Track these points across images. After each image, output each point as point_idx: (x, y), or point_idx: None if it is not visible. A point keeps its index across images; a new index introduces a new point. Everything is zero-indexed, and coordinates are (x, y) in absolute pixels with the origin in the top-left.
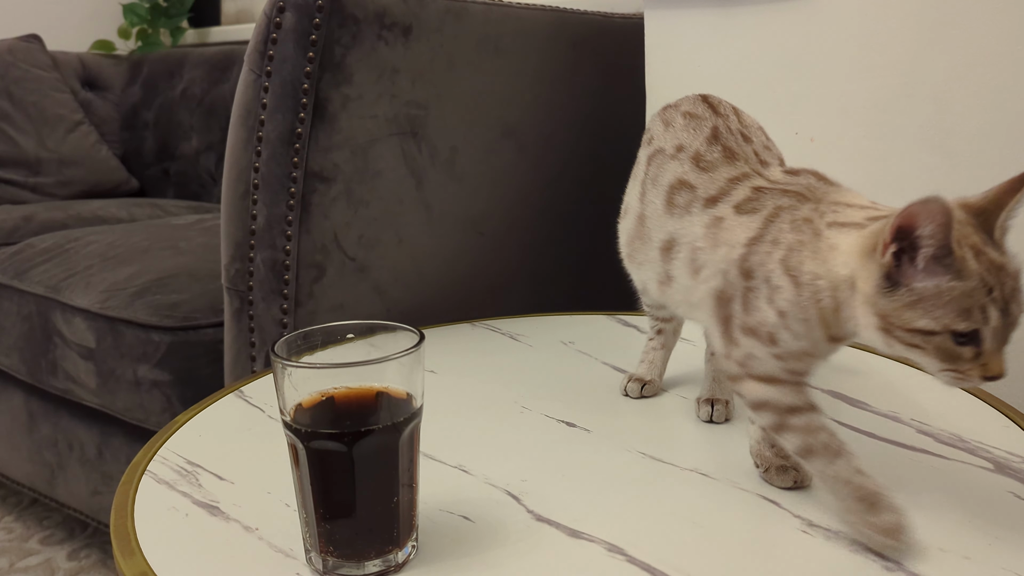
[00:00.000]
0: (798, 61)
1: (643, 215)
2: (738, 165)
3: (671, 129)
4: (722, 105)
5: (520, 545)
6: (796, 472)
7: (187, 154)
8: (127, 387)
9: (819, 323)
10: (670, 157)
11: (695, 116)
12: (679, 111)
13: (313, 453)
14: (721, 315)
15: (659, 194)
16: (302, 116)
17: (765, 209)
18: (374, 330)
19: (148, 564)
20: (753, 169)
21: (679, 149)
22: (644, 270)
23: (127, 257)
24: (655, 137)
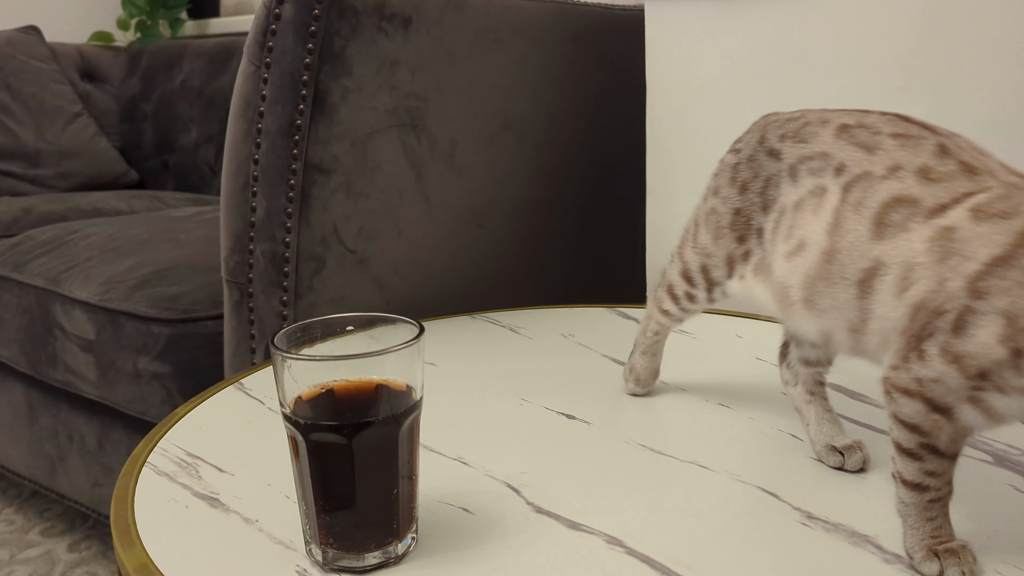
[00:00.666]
0: (798, 54)
1: (834, 249)
2: (979, 179)
3: (880, 153)
4: (935, 126)
5: (520, 537)
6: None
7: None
8: (127, 379)
9: None
10: (881, 178)
11: (908, 136)
12: (883, 135)
13: (313, 445)
14: (914, 328)
15: (865, 218)
16: (301, 108)
17: (1015, 223)
18: (374, 322)
19: (148, 555)
20: (1002, 182)
21: (894, 169)
22: (828, 317)
23: (127, 249)
24: (849, 164)
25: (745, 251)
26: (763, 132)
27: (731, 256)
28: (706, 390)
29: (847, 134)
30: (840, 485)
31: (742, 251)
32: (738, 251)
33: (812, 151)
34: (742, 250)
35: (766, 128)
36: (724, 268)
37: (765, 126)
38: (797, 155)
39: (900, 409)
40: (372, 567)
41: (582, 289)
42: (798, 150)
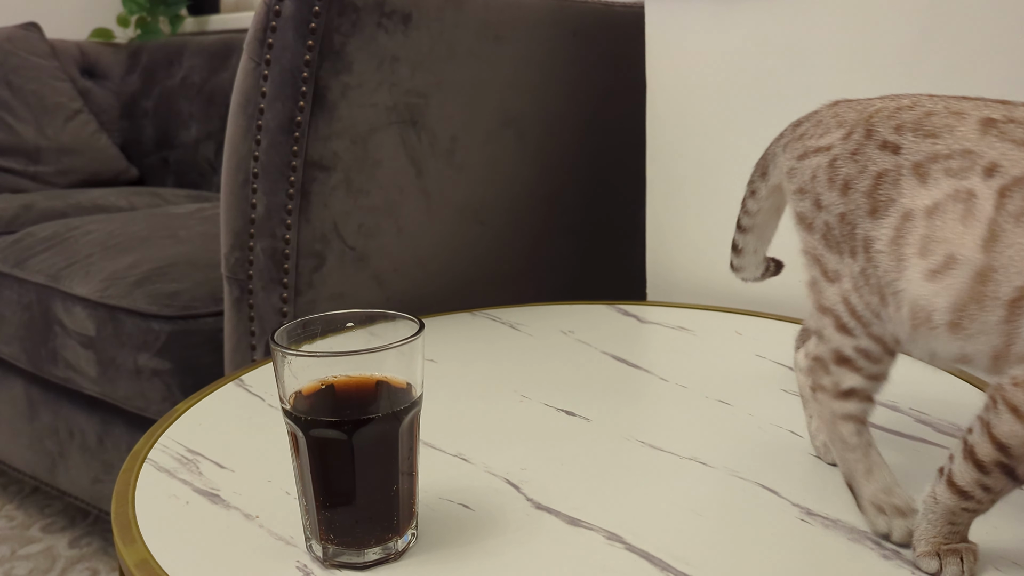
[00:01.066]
0: (799, 51)
1: (990, 268)
2: None
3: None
4: None
5: (519, 533)
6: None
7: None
8: (127, 376)
9: None
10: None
11: None
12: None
13: (313, 441)
14: None
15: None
16: (301, 104)
17: None
18: (374, 319)
19: (149, 551)
20: None
21: None
22: (975, 342)
23: (127, 246)
24: (1005, 164)
25: (860, 269)
26: (867, 123)
27: (855, 278)
28: (705, 386)
29: (995, 129)
30: (839, 481)
31: (858, 269)
32: (855, 270)
33: (948, 148)
34: (857, 268)
35: (868, 118)
36: (857, 294)
37: (867, 117)
38: (926, 151)
39: (999, 423)
40: (372, 563)
41: (583, 286)
42: (926, 145)
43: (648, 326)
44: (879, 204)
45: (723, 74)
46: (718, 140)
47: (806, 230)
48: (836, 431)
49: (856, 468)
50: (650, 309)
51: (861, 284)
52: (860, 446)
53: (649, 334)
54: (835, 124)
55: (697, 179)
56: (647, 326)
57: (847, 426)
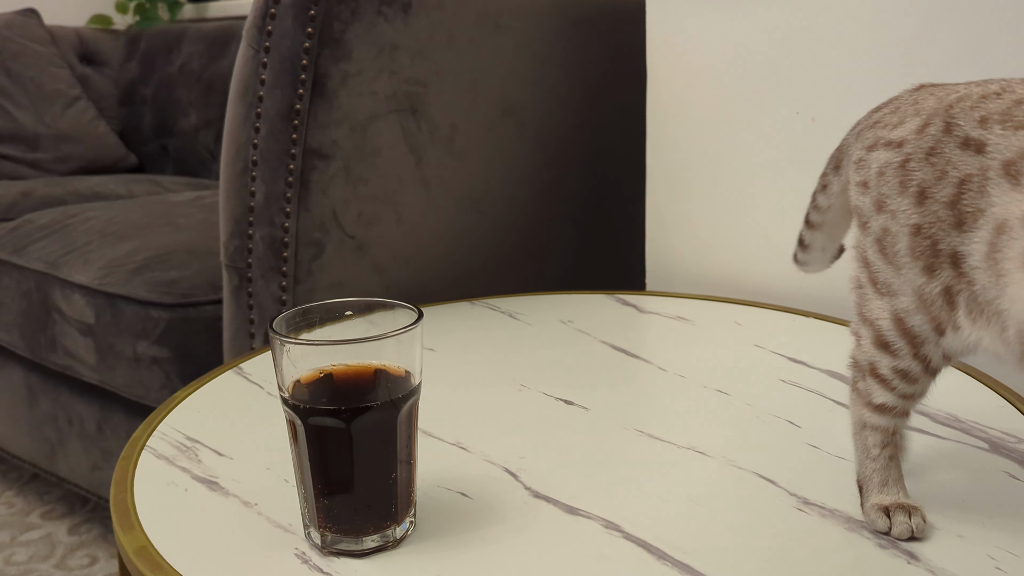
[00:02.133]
0: (800, 41)
1: None
2: None
3: None
4: None
5: (517, 522)
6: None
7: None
8: (126, 363)
9: None
10: None
11: None
12: None
13: (311, 429)
14: None
15: None
16: (301, 92)
17: None
18: (373, 307)
19: (148, 538)
20: None
21: None
22: None
23: (126, 233)
24: None
25: (944, 288)
26: (947, 113)
27: (925, 296)
28: (704, 376)
29: None
30: (836, 471)
31: (938, 288)
32: (932, 288)
33: None
34: (937, 287)
35: (948, 108)
36: (923, 313)
37: (947, 107)
38: (1018, 147)
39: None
40: (370, 550)
41: (582, 275)
42: (1018, 140)
43: (647, 316)
44: (966, 215)
45: (724, 64)
46: (718, 130)
47: (860, 228)
48: (861, 436)
49: (872, 478)
50: (649, 299)
51: (936, 302)
52: (881, 458)
53: (648, 324)
54: (912, 113)
55: (697, 169)
56: (646, 316)
57: (874, 436)
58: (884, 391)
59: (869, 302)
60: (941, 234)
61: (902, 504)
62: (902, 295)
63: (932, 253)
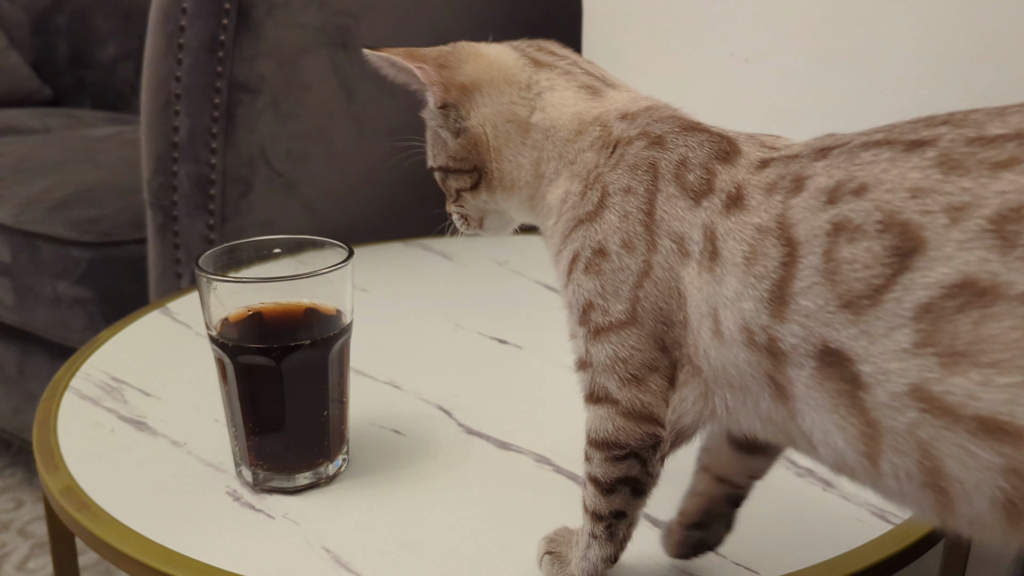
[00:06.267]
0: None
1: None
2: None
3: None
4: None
5: (450, 458)
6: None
7: (104, 62)
8: (46, 304)
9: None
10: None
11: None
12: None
13: (241, 368)
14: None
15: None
16: (225, 23)
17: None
18: (302, 246)
19: (73, 478)
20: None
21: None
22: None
23: (42, 169)
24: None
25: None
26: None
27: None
28: None
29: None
30: None
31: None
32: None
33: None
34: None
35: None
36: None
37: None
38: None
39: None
40: (303, 487)
41: None
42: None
43: None
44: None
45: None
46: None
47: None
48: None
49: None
50: None
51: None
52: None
53: None
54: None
55: None
56: None
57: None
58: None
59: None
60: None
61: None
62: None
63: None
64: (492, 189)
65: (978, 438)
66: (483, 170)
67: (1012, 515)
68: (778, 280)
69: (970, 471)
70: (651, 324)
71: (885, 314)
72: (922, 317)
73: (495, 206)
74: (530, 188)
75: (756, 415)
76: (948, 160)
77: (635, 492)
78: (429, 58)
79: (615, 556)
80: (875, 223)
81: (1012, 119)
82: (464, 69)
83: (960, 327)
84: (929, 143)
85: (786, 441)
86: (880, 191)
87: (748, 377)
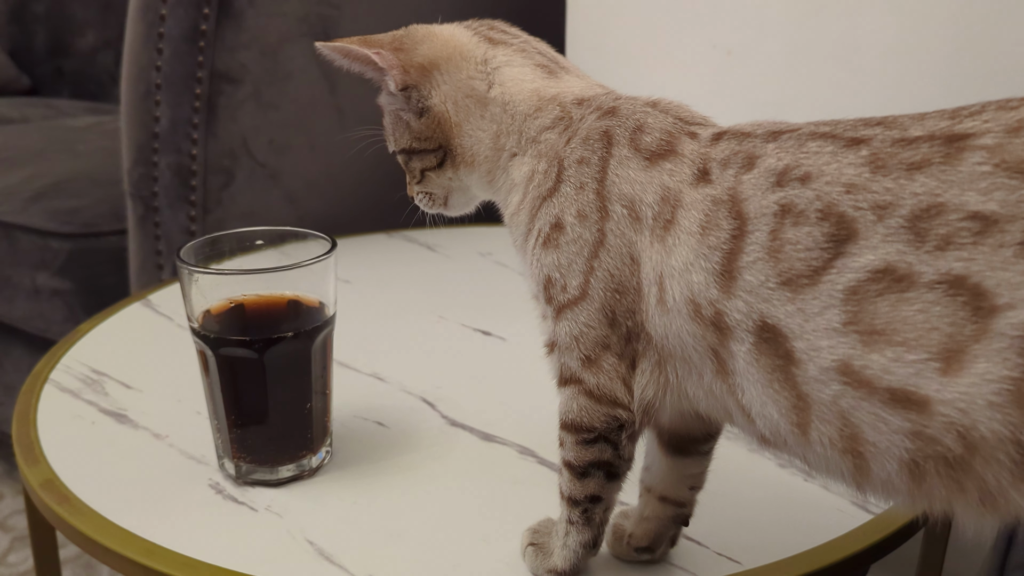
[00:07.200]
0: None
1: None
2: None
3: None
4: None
5: (434, 449)
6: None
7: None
8: (25, 295)
9: None
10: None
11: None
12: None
13: (223, 360)
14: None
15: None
16: (206, 12)
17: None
18: (285, 237)
19: (53, 472)
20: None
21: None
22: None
23: (20, 160)
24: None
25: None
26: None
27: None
28: None
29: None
30: None
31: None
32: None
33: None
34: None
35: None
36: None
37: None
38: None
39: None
40: (286, 479)
41: None
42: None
43: None
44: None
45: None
46: (636, 62)
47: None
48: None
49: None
50: None
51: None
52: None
53: None
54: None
55: None
56: None
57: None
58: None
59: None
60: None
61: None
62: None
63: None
64: (456, 166)
65: (889, 407)
66: (447, 147)
67: (916, 475)
68: (728, 252)
69: (882, 435)
70: (601, 295)
71: (821, 294)
72: (850, 299)
73: (459, 183)
74: (489, 162)
75: (700, 386)
76: (876, 159)
77: (609, 476)
78: (384, 43)
79: (595, 540)
80: (816, 211)
81: (929, 122)
82: (420, 50)
83: (880, 308)
84: (864, 142)
85: (724, 416)
86: (821, 182)
87: (691, 350)
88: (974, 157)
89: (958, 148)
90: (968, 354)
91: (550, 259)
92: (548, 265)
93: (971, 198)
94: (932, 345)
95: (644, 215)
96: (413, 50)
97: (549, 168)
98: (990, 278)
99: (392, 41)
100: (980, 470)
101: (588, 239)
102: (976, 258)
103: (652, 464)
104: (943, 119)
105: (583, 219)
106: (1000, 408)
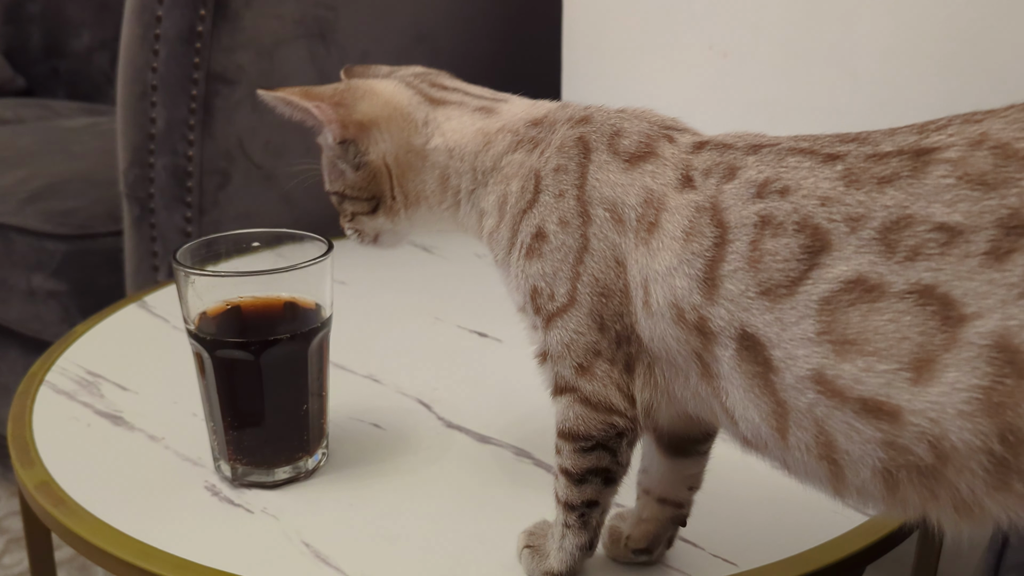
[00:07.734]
0: None
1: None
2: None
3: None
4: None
5: (431, 451)
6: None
7: (78, 51)
8: (21, 297)
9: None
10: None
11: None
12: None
13: (219, 362)
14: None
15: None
16: (202, 13)
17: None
18: (281, 239)
19: (49, 474)
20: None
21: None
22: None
23: (15, 160)
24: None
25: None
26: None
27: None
28: None
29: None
30: None
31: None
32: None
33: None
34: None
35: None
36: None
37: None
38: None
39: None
40: (282, 481)
41: None
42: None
43: None
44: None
45: None
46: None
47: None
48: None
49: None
50: None
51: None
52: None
53: None
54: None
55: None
56: None
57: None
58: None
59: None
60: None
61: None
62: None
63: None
64: (391, 212)
65: (861, 417)
66: (381, 198)
67: (889, 483)
68: (710, 260)
69: (855, 444)
70: (589, 300)
71: (797, 304)
72: (824, 309)
73: (391, 227)
74: (438, 198)
75: (687, 388)
76: (850, 174)
77: (606, 481)
78: (325, 96)
79: (591, 543)
80: (793, 223)
81: (898, 137)
82: (360, 107)
83: (852, 318)
84: (840, 157)
85: (711, 417)
86: (799, 196)
87: (676, 354)
88: (939, 170)
89: (924, 162)
90: (938, 363)
91: (535, 269)
92: (533, 275)
93: (937, 210)
94: (903, 355)
95: (627, 217)
96: (353, 106)
97: (525, 183)
98: (957, 287)
99: (333, 95)
100: (953, 479)
101: (572, 245)
102: (944, 268)
103: (650, 466)
104: (911, 134)
105: (565, 226)
106: (970, 417)
